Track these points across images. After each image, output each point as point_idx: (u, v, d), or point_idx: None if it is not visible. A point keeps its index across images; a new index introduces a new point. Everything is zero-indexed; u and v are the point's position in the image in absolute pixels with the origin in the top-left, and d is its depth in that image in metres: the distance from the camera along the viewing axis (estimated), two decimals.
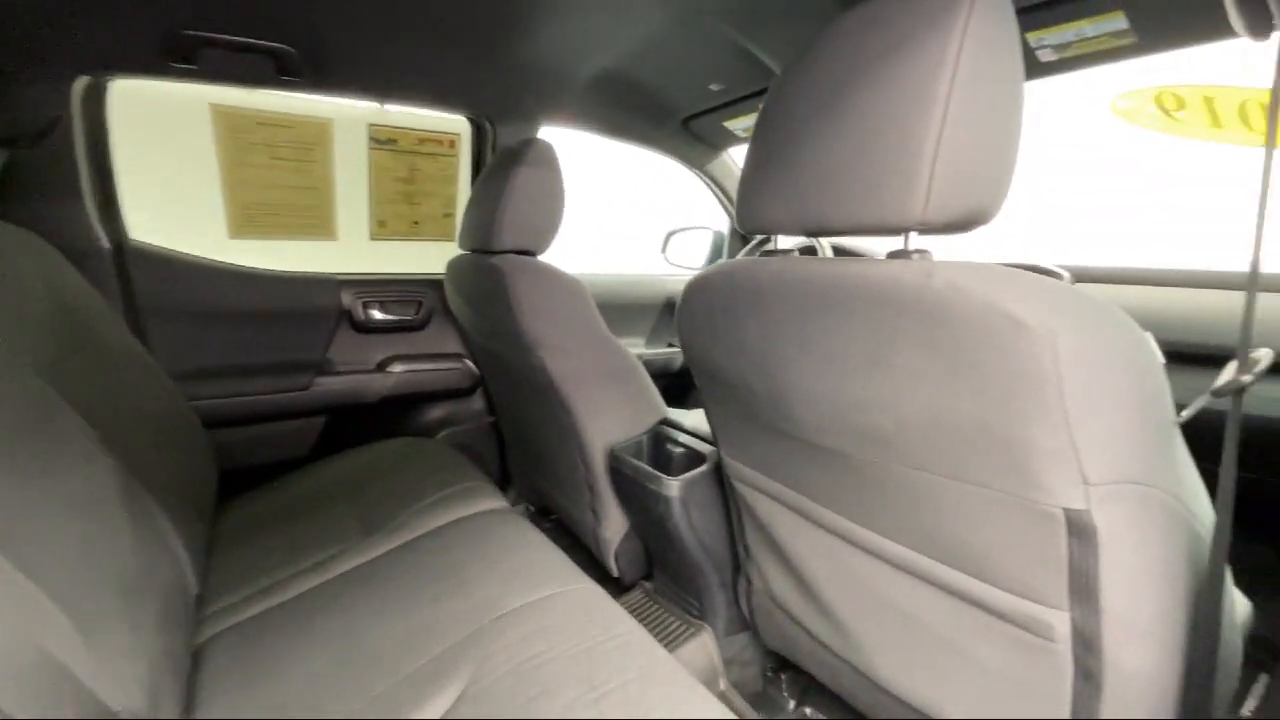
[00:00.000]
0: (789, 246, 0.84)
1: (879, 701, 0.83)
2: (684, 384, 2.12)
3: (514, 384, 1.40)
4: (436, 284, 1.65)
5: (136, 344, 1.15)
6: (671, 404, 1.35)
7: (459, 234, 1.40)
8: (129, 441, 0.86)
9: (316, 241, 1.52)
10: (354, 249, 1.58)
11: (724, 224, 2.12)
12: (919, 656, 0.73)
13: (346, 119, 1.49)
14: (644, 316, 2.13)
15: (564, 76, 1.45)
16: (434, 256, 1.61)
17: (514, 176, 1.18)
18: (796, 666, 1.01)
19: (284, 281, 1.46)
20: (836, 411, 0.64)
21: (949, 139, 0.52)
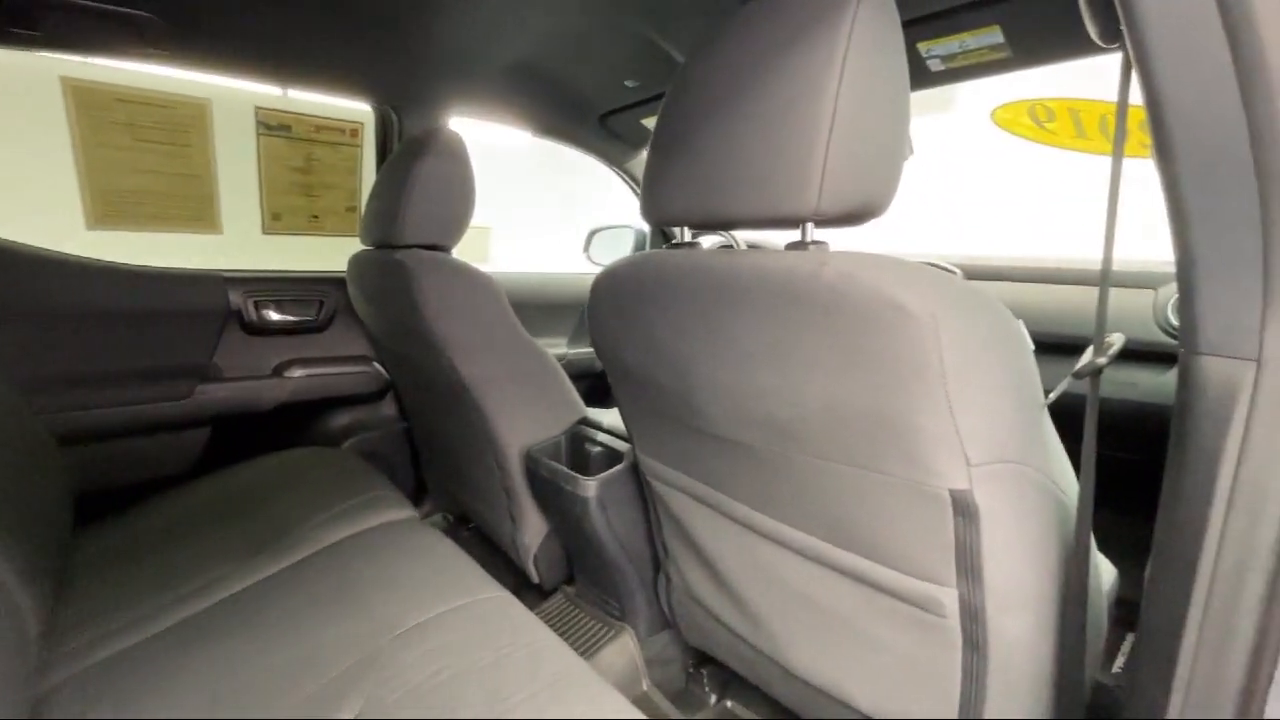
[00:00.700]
0: (708, 243, 0.85)
1: (794, 690, 0.84)
2: (608, 383, 2.10)
3: (424, 387, 1.33)
4: (340, 282, 1.54)
5: None
6: (596, 404, 1.33)
7: (360, 228, 1.31)
8: None
9: (198, 235, 1.38)
10: (244, 244, 1.45)
11: (646, 223, 2.13)
12: (827, 642, 0.74)
13: (229, 101, 1.36)
14: (566, 316, 2.10)
15: (474, 65, 1.39)
16: (337, 253, 1.50)
17: (418, 167, 1.12)
18: (717, 661, 1.02)
19: (156, 278, 1.31)
20: (741, 404, 0.64)
21: (840, 131, 0.53)
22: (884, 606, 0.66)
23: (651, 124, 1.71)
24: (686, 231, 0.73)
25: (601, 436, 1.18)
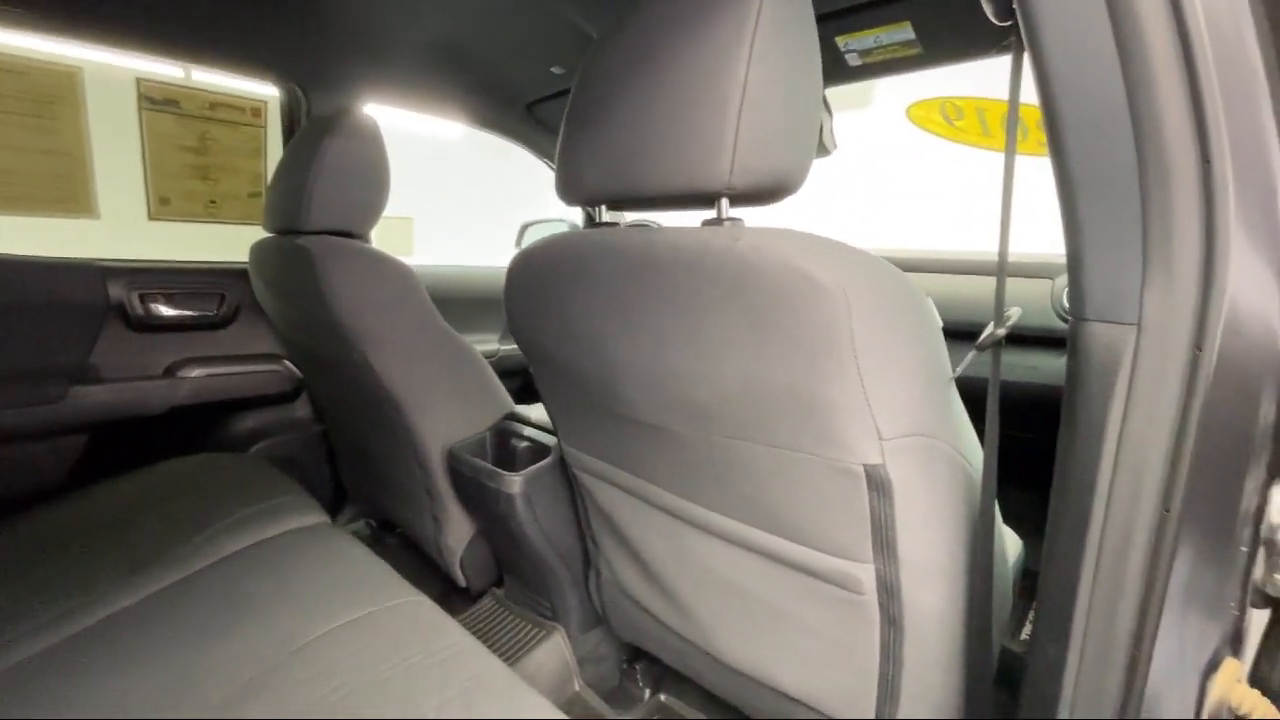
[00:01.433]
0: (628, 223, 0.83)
1: (724, 678, 0.83)
2: None
3: (338, 384, 1.24)
4: (245, 274, 1.42)
5: None
6: (530, 401, 1.29)
7: (264, 214, 1.21)
8: None
9: (70, 220, 1.24)
10: (127, 231, 1.31)
11: (579, 216, 2.10)
12: (752, 627, 0.74)
13: (104, 72, 1.22)
14: (498, 311, 2.03)
15: (389, 44, 1.32)
16: (243, 243, 1.38)
17: (326, 146, 1.04)
18: (651, 656, 1.00)
19: (19, 267, 1.16)
20: (660, 386, 0.63)
21: (751, 104, 0.52)
22: (805, 587, 0.66)
23: None
24: (606, 213, 0.71)
25: (528, 431, 1.14)
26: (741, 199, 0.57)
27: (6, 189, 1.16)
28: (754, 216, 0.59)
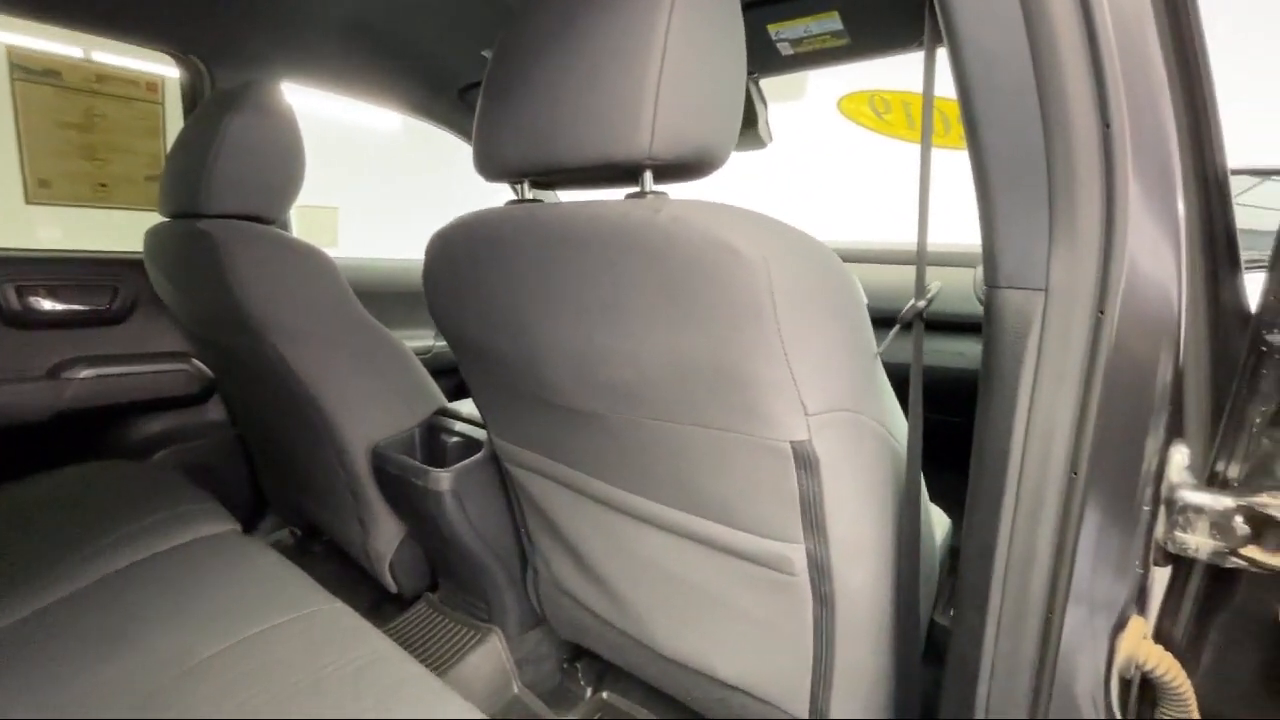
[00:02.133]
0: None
1: (663, 670, 0.82)
2: None
3: (251, 382, 1.15)
4: (142, 264, 1.30)
5: None
6: (466, 397, 1.23)
7: (159, 195, 1.11)
8: None
9: None
10: None
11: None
12: (688, 616, 0.73)
13: None
14: None
15: (305, 19, 1.23)
16: (138, 230, 1.26)
17: (229, 122, 0.96)
18: (591, 653, 0.97)
19: None
20: (586, 368, 0.60)
21: (671, 71, 0.50)
22: (738, 572, 0.65)
23: None
24: (528, 190, 0.68)
25: (460, 426, 1.09)
26: (665, 173, 0.55)
27: None
28: (682, 195, 0.58)
